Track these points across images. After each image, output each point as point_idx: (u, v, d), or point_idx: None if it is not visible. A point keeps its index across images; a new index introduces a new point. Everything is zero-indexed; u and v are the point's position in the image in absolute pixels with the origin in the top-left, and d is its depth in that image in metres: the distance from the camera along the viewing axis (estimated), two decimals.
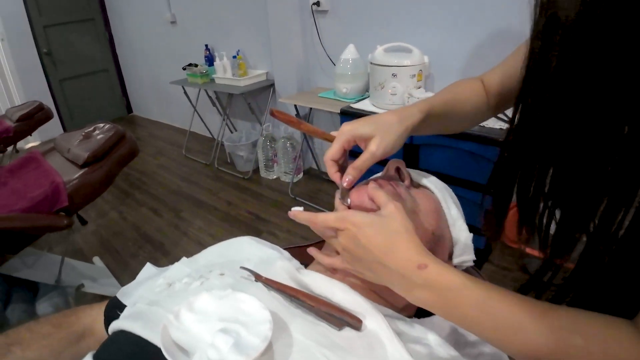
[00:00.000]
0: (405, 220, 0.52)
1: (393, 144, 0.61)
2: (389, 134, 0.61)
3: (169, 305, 0.57)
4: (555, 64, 0.44)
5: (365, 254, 0.51)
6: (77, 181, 1.61)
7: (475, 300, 0.46)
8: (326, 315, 0.52)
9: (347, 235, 0.52)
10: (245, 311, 0.51)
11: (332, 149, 0.63)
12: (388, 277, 0.51)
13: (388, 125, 0.62)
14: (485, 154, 1.79)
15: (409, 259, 0.49)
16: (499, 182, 0.55)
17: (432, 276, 0.48)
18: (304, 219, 0.58)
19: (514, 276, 2.03)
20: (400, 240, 0.50)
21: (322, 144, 3.14)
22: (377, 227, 0.50)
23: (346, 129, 0.62)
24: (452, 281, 0.47)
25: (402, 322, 0.56)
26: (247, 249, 0.74)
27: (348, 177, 0.61)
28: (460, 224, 0.69)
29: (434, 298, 0.48)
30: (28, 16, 4.12)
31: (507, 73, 0.71)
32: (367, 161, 0.61)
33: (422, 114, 0.65)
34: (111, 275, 2.16)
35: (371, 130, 0.61)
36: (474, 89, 0.75)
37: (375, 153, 0.60)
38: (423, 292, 0.48)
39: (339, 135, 0.63)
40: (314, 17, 2.64)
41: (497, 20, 1.96)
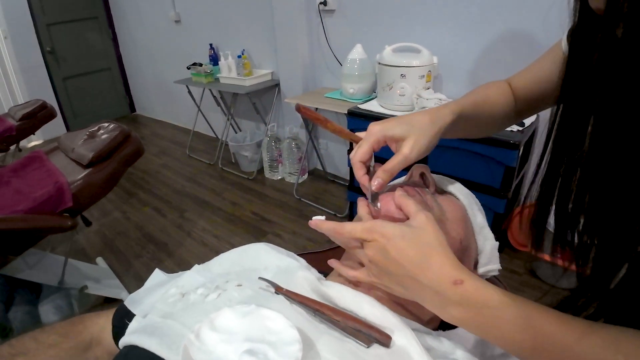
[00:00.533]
0: (438, 232, 0.48)
1: (427, 146, 0.58)
2: (423, 135, 0.58)
3: (185, 319, 0.54)
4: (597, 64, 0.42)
5: (395, 267, 0.47)
6: (82, 181, 1.59)
7: (515, 319, 0.43)
8: (353, 331, 0.49)
9: (376, 247, 0.48)
10: (272, 329, 0.48)
11: (361, 149, 0.58)
12: (420, 292, 0.47)
13: (421, 126, 0.58)
14: (496, 156, 1.76)
15: (444, 274, 0.45)
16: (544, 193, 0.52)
17: (468, 293, 0.45)
18: (329, 228, 0.53)
19: (522, 280, 2.00)
20: (434, 254, 0.46)
21: (327, 145, 3.12)
22: (409, 239, 0.47)
23: (376, 129, 0.58)
24: (490, 298, 0.44)
25: (431, 337, 0.53)
26: (263, 257, 0.70)
27: (378, 180, 0.56)
28: (486, 232, 0.66)
29: (470, 316, 0.45)
30: (31, 14, 4.09)
31: (535, 78, 0.69)
32: (399, 164, 0.57)
33: (454, 115, 0.62)
34: (114, 276, 2.14)
35: (404, 132, 0.57)
36: (504, 92, 0.72)
37: (408, 156, 0.57)
38: (458, 310, 0.45)
39: (367, 136, 0.59)
40: (321, 16, 2.62)
41: (506, 21, 1.94)
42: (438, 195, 0.66)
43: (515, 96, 0.73)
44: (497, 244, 0.67)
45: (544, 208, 0.54)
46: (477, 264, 0.67)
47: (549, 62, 0.65)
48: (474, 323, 0.45)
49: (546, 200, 0.53)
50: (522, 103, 0.72)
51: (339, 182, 3.08)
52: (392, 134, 0.58)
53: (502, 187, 1.82)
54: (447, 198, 0.66)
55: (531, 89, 0.69)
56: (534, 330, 0.42)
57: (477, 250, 0.67)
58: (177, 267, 2.23)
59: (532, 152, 2.08)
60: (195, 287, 0.62)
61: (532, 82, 0.69)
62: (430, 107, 1.89)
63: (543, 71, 0.66)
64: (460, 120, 0.63)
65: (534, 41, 1.87)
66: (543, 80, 0.66)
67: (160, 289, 0.67)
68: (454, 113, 0.62)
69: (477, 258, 0.67)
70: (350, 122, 2.21)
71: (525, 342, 0.43)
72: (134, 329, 0.59)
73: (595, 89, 0.43)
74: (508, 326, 0.43)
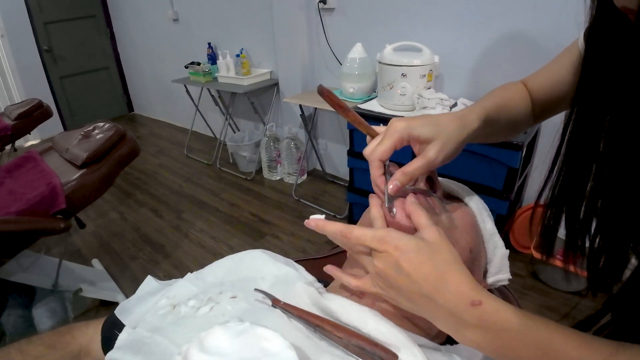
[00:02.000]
0: (453, 249, 0.45)
1: (453, 152, 0.54)
2: (450, 140, 0.53)
3: (174, 335, 0.51)
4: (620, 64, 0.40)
5: (408, 283, 0.43)
6: (76, 182, 1.55)
7: (536, 343, 0.40)
8: (357, 349, 0.45)
9: (387, 259, 0.44)
10: (267, 351, 0.44)
11: (383, 146, 0.52)
12: (433, 312, 0.44)
13: (449, 130, 0.54)
14: (499, 158, 1.74)
15: (461, 294, 0.42)
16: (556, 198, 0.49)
17: (487, 315, 0.41)
18: (335, 231, 0.48)
19: (525, 282, 1.97)
20: (451, 272, 0.43)
21: (326, 145, 3.08)
22: (425, 255, 0.43)
23: (401, 126, 0.53)
24: (510, 321, 0.41)
25: (439, 354, 0.49)
26: (260, 266, 0.66)
27: (395, 183, 0.52)
28: (496, 240, 0.63)
29: (488, 339, 0.41)
30: (29, 12, 4.06)
31: (552, 80, 0.65)
32: (422, 168, 0.52)
33: (480, 122, 0.57)
34: (110, 278, 2.10)
35: (431, 133, 0.53)
36: (523, 96, 0.69)
37: (434, 161, 0.52)
38: (475, 333, 0.42)
39: (391, 132, 0.53)
40: (320, 15, 2.58)
41: (508, 20, 1.91)
42: (446, 200, 0.62)
43: (533, 99, 0.69)
44: (507, 252, 0.63)
45: (556, 215, 0.51)
46: (487, 273, 0.64)
47: (566, 63, 0.62)
48: (491, 347, 0.42)
49: (558, 207, 0.51)
50: (540, 106, 0.68)
51: (338, 183, 3.05)
52: (418, 134, 0.53)
53: (505, 189, 1.79)
54: (456, 204, 0.62)
55: (548, 91, 0.66)
56: (557, 355, 0.39)
57: (486, 259, 0.63)
58: (173, 269, 2.20)
59: (534, 153, 2.05)
60: (187, 298, 0.58)
61: (550, 84, 0.66)
62: (432, 106, 1.88)
63: (560, 73, 0.63)
64: (485, 126, 0.59)
65: (535, 41, 1.85)
66: (561, 82, 0.63)
67: (151, 298, 0.63)
68: (480, 119, 0.58)
69: (487, 267, 0.64)
70: (349, 123, 2.18)
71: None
72: (121, 344, 0.56)
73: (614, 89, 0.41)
74: (528, 351, 0.40)
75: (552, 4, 1.73)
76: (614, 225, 0.44)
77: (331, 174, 3.17)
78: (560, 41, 0.69)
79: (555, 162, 0.50)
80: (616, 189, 0.42)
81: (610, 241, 0.45)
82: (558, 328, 0.41)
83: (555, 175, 0.50)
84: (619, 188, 0.42)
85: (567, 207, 0.49)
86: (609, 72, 0.42)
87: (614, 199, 0.43)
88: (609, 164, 0.43)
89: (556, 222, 0.51)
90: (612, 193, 0.43)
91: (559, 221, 0.51)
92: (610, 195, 0.44)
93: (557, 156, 0.50)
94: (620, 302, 0.46)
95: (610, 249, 0.45)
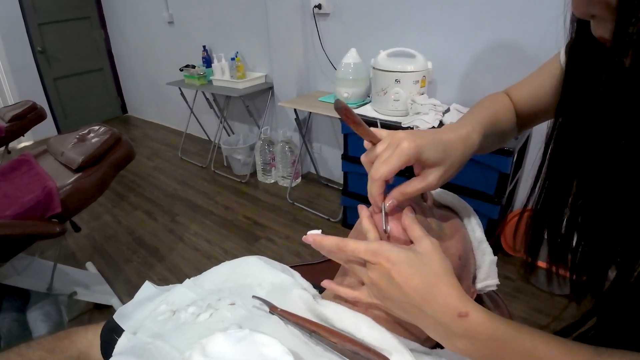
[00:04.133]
0: (444, 260, 0.47)
1: (452, 176, 0.56)
2: (454, 167, 0.55)
3: (175, 341, 0.52)
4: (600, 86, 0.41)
5: (399, 294, 0.46)
6: (71, 186, 1.55)
7: (521, 352, 0.42)
8: (351, 354, 0.47)
9: (380, 271, 0.47)
10: (266, 356, 0.46)
11: (389, 167, 0.51)
12: (423, 321, 0.46)
13: (454, 155, 0.55)
14: (490, 163, 1.76)
15: (449, 305, 0.44)
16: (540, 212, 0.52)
17: (473, 326, 0.43)
18: (331, 244, 0.50)
19: (515, 286, 2.00)
20: (439, 284, 0.45)
21: (321, 149, 3.10)
22: (415, 267, 0.45)
23: (410, 148, 0.51)
24: (496, 331, 0.43)
25: (430, 358, 0.52)
26: (257, 272, 0.68)
27: (392, 202, 0.53)
28: (484, 247, 0.65)
29: (474, 349, 0.44)
30: (22, 13, 4.04)
31: (535, 91, 0.67)
32: (420, 191, 0.54)
33: (480, 139, 0.59)
34: (104, 281, 2.10)
35: (439, 159, 0.53)
36: (509, 108, 0.71)
37: (434, 186, 0.54)
38: (463, 342, 0.44)
39: (399, 153, 0.51)
40: (315, 19, 2.60)
41: (500, 27, 1.94)
42: (436, 209, 0.64)
43: (517, 110, 0.71)
44: (495, 259, 0.65)
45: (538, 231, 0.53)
46: (476, 279, 0.66)
47: (548, 75, 0.64)
48: (478, 355, 0.44)
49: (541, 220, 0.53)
50: (523, 117, 0.71)
51: (332, 187, 3.07)
52: (425, 158, 0.53)
53: (496, 193, 1.82)
54: (445, 212, 0.65)
55: (531, 102, 0.68)
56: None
57: (475, 265, 0.65)
58: (168, 273, 2.21)
59: (525, 158, 2.08)
60: (186, 305, 0.60)
61: (532, 95, 0.68)
62: (425, 112, 1.90)
63: (543, 85, 0.65)
64: (482, 142, 0.61)
65: (526, 48, 1.88)
66: (543, 93, 0.65)
67: (150, 304, 0.65)
68: (480, 136, 0.59)
69: (476, 273, 0.66)
70: (344, 126, 2.20)
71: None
72: (122, 348, 0.57)
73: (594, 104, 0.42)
74: (514, 358, 0.42)
75: (540, 13, 1.76)
76: (595, 239, 0.46)
77: (325, 177, 3.19)
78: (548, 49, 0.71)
79: (538, 177, 0.52)
80: (597, 204, 0.44)
81: (592, 254, 0.47)
82: (542, 337, 0.43)
83: (538, 190, 0.52)
84: (599, 203, 0.44)
85: (549, 222, 0.51)
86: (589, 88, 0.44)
87: (594, 214, 0.45)
88: (590, 179, 0.45)
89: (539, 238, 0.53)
90: (592, 208, 0.45)
91: (542, 235, 0.53)
92: (591, 211, 0.46)
93: (540, 170, 0.52)
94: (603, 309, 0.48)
95: (591, 261, 0.47)
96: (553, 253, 0.51)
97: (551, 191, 0.51)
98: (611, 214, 0.42)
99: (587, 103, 0.44)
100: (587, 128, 0.44)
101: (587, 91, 0.45)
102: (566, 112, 0.48)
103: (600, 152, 0.42)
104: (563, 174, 0.49)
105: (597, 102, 0.41)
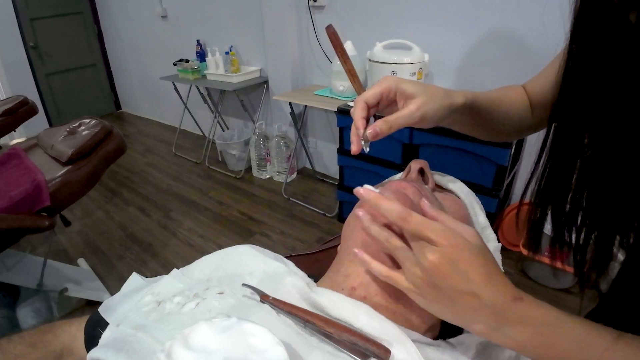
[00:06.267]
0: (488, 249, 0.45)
1: (434, 112, 0.55)
2: (434, 100, 0.55)
3: (158, 333, 0.49)
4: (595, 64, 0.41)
5: (460, 281, 0.42)
6: (60, 179, 1.52)
7: (574, 336, 0.40)
8: (348, 344, 0.44)
9: (444, 254, 0.42)
10: (255, 348, 0.42)
11: (370, 91, 0.56)
12: (474, 312, 0.43)
13: (434, 92, 0.56)
14: (488, 155, 1.74)
15: (506, 291, 0.42)
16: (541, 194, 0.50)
17: (528, 310, 0.41)
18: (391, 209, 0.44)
19: (514, 280, 1.98)
20: (498, 272, 0.43)
21: (316, 144, 3.07)
22: (479, 255, 0.43)
23: (391, 78, 0.56)
24: (548, 315, 0.41)
25: (432, 349, 0.48)
26: (248, 261, 0.64)
27: (375, 129, 0.54)
28: (488, 233, 0.62)
29: (527, 335, 0.41)
30: (14, 8, 3.98)
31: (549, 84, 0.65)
32: (402, 119, 0.54)
33: (466, 100, 0.59)
34: (97, 278, 2.07)
35: (417, 90, 0.55)
36: (520, 96, 0.69)
37: (413, 114, 0.53)
38: (516, 329, 0.41)
39: (381, 81, 0.56)
40: (311, 12, 2.57)
41: (497, 19, 1.92)
42: (438, 193, 0.62)
43: (532, 103, 0.69)
44: (499, 245, 0.63)
45: (542, 209, 0.51)
46: None
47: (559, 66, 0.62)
48: (530, 344, 0.42)
49: (544, 201, 0.51)
50: (540, 110, 0.68)
51: (328, 181, 3.04)
52: (404, 88, 0.55)
53: (494, 186, 1.80)
54: (447, 196, 0.62)
55: (546, 95, 0.66)
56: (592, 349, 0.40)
57: None
58: (161, 269, 2.17)
59: (523, 151, 2.06)
60: (172, 295, 0.57)
61: (547, 88, 0.65)
62: None
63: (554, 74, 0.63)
64: (473, 110, 0.60)
65: (523, 39, 1.85)
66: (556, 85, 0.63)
67: (136, 296, 0.62)
68: (467, 98, 0.59)
69: None
70: (340, 120, 2.17)
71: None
72: (103, 342, 0.54)
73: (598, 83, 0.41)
74: (565, 345, 0.41)
75: (537, 4, 1.74)
76: (600, 217, 0.45)
77: (321, 172, 3.16)
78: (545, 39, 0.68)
79: (540, 156, 0.50)
80: (601, 183, 0.43)
81: (596, 233, 0.45)
82: (590, 323, 0.41)
83: (541, 168, 0.50)
84: (603, 182, 0.43)
85: (553, 201, 0.49)
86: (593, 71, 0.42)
87: (599, 192, 0.44)
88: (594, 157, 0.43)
89: (542, 216, 0.51)
90: (597, 186, 0.44)
91: (545, 215, 0.51)
92: (595, 188, 0.44)
93: (543, 149, 0.50)
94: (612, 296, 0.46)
95: (596, 241, 0.45)
96: (557, 234, 0.49)
97: (554, 170, 0.49)
98: (616, 192, 0.41)
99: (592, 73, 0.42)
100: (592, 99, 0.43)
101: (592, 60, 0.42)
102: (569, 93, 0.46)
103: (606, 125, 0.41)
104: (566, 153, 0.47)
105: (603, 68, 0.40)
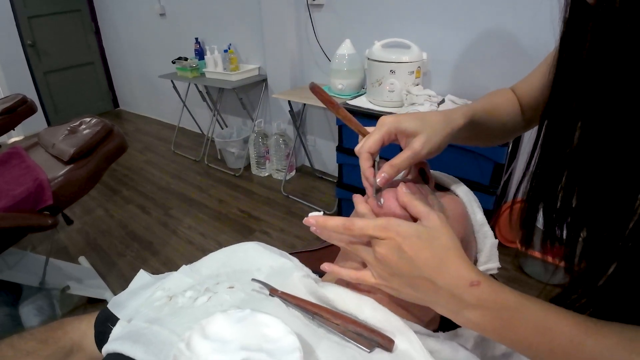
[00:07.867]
0: (452, 234, 0.46)
1: (438, 145, 0.55)
2: (436, 134, 0.55)
3: (173, 325, 0.51)
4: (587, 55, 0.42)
5: (409, 268, 0.44)
6: (63, 178, 1.53)
7: (533, 321, 0.42)
8: (354, 335, 0.46)
9: (390, 245, 0.45)
10: (269, 337, 0.44)
11: (371, 139, 0.55)
12: (434, 295, 0.45)
13: (434, 124, 0.56)
14: (485, 153, 1.76)
15: (461, 276, 0.43)
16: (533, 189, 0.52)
17: (485, 294, 0.43)
18: (336, 225, 0.49)
19: (510, 276, 2.01)
20: (450, 256, 0.44)
21: (315, 142, 3.09)
22: (426, 240, 0.45)
23: (389, 121, 0.56)
24: (508, 299, 0.43)
25: (433, 340, 0.51)
26: (255, 257, 0.66)
27: (384, 175, 0.54)
28: (485, 230, 0.64)
29: (487, 319, 0.43)
30: (12, 6, 3.97)
31: (538, 84, 0.67)
32: (408, 160, 0.54)
33: (466, 119, 0.59)
34: (98, 276, 2.08)
35: (417, 127, 0.55)
36: (511, 101, 0.70)
37: (419, 152, 0.54)
38: (475, 313, 0.43)
39: (379, 126, 0.56)
40: (309, 10, 2.58)
41: (495, 18, 1.93)
42: (437, 192, 0.64)
43: (522, 104, 0.71)
44: (496, 242, 0.65)
45: (533, 205, 0.53)
46: (477, 262, 0.65)
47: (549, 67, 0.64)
48: (490, 326, 0.43)
49: (535, 197, 0.52)
50: (530, 111, 0.70)
51: (327, 179, 3.06)
52: (404, 127, 0.55)
53: (491, 184, 1.82)
54: (447, 195, 0.64)
55: (535, 96, 0.67)
56: (551, 333, 0.41)
57: (476, 249, 0.65)
58: (162, 266, 2.19)
59: (520, 148, 2.08)
60: (183, 290, 0.58)
61: (536, 89, 0.67)
62: (420, 103, 1.89)
63: (545, 77, 0.65)
64: (472, 125, 0.61)
65: (521, 38, 1.87)
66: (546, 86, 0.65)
67: (145, 292, 0.63)
68: (466, 117, 0.60)
69: (477, 256, 0.65)
70: (338, 119, 2.18)
71: (542, 345, 0.41)
72: (117, 335, 0.56)
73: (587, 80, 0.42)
74: (526, 328, 0.42)
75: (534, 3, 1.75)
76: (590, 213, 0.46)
77: (320, 170, 3.18)
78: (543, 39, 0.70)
79: (533, 154, 0.51)
80: (590, 179, 0.44)
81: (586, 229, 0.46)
82: (552, 306, 0.42)
83: (534, 165, 0.51)
84: (593, 178, 0.44)
85: (545, 197, 0.51)
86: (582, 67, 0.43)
87: (589, 188, 0.45)
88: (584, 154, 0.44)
89: (534, 213, 0.53)
90: (586, 182, 0.45)
91: (537, 211, 0.53)
92: (585, 185, 0.45)
93: (535, 147, 0.51)
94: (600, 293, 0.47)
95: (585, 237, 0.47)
96: (548, 229, 0.51)
97: (545, 166, 0.50)
98: (608, 184, 0.42)
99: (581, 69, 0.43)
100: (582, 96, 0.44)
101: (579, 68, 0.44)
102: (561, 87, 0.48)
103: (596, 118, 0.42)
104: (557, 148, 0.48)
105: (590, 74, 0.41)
